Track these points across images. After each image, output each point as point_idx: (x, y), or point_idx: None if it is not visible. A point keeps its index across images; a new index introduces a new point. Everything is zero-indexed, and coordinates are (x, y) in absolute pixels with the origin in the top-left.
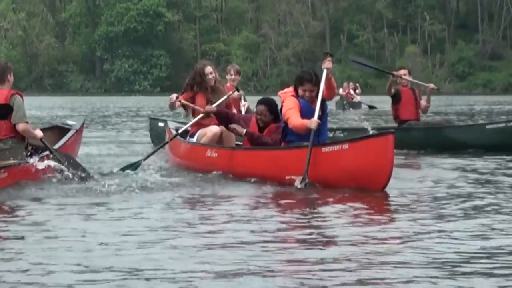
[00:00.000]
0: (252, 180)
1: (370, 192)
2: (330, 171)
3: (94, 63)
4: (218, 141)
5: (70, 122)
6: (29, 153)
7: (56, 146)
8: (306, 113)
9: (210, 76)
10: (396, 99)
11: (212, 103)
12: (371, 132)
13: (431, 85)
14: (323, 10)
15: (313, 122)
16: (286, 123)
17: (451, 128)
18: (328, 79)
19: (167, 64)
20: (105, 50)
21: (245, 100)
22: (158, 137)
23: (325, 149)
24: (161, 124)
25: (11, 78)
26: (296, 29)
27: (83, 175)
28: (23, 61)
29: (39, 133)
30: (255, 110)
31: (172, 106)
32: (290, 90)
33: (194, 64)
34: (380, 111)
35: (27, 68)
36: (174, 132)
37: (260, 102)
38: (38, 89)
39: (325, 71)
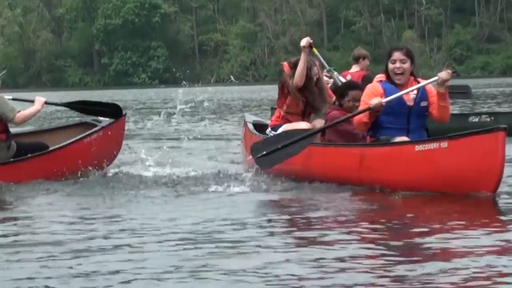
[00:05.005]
0: (333, 183)
1: (476, 196)
2: (424, 173)
3: (91, 57)
4: None
5: (102, 117)
6: (13, 153)
7: (65, 143)
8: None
9: (315, 78)
10: None
11: (312, 100)
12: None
13: None
14: None
15: (375, 99)
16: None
17: None
18: (440, 96)
19: (164, 56)
20: (103, 44)
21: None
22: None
23: (419, 147)
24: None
25: None
26: (292, 17)
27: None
28: (20, 57)
29: (38, 102)
30: (343, 97)
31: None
32: (382, 75)
33: (190, 54)
34: None
35: (25, 64)
36: (250, 126)
37: (351, 87)
38: (36, 85)
39: (435, 77)
